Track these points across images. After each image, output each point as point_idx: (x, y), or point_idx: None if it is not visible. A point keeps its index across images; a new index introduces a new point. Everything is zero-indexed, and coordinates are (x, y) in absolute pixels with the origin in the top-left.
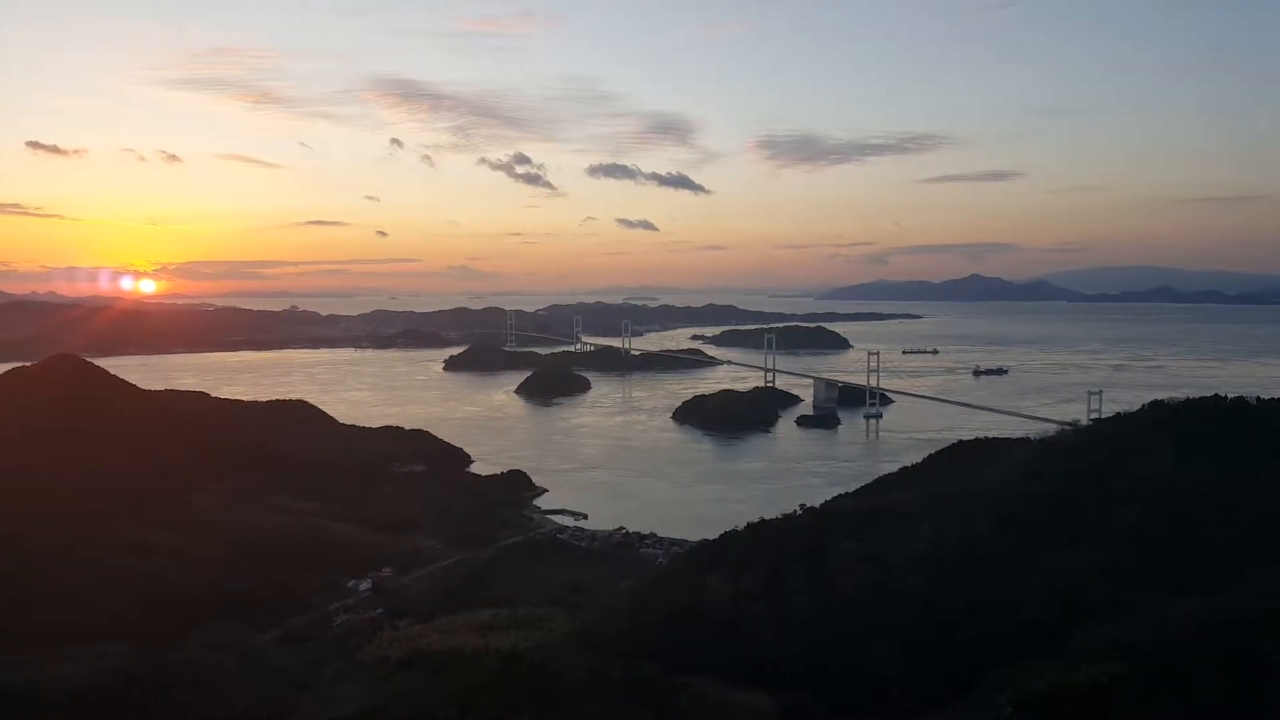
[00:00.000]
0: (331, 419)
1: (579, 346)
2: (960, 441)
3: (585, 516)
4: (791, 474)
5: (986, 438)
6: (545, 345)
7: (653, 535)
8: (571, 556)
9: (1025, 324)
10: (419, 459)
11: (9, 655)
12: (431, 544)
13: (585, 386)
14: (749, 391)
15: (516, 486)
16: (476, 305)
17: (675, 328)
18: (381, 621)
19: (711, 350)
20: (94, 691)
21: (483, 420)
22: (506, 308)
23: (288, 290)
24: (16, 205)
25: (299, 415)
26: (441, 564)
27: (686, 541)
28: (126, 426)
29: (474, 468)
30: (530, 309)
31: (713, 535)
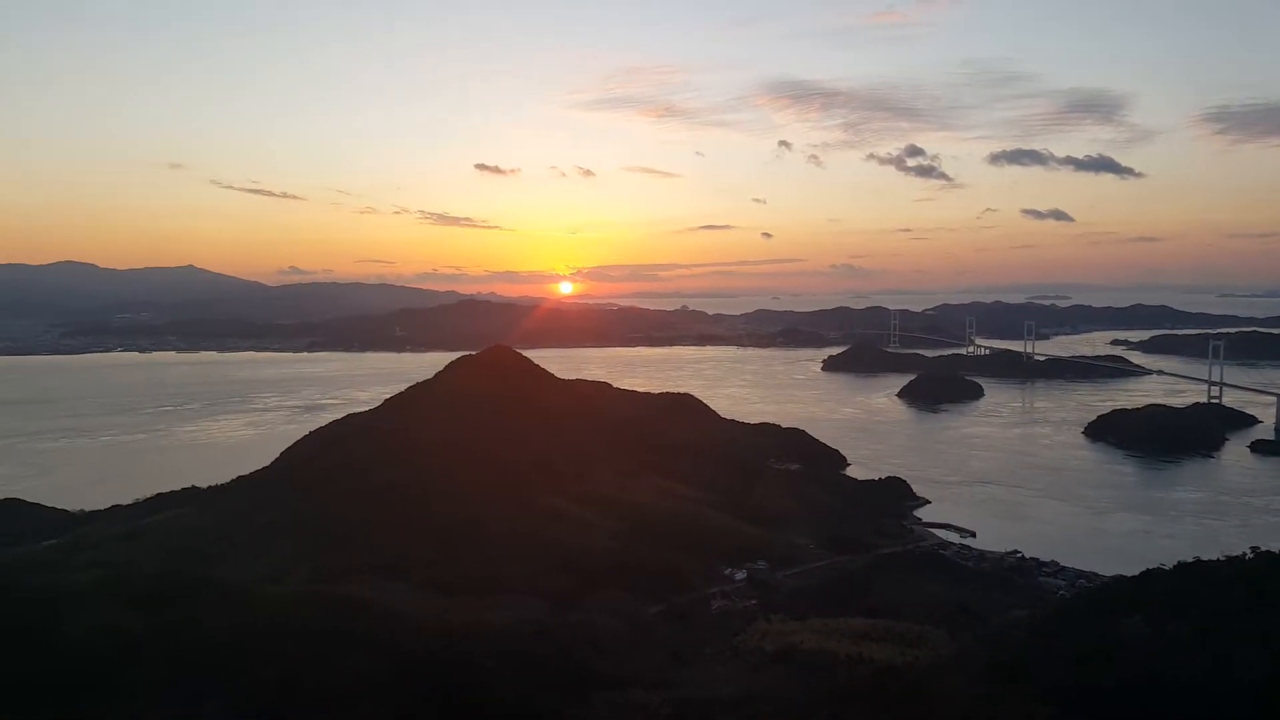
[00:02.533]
0: (714, 413)
1: (971, 349)
2: None
3: (973, 534)
4: (1241, 509)
5: None
6: (931, 347)
7: (1054, 563)
8: (956, 575)
9: None
10: (794, 457)
11: (452, 598)
12: (805, 543)
13: (977, 393)
14: (1186, 408)
15: (895, 494)
16: (858, 304)
17: (1090, 330)
18: (756, 613)
19: (1137, 358)
20: (512, 638)
21: (861, 423)
22: (890, 307)
23: (680, 291)
24: (468, 219)
25: (686, 407)
26: (815, 564)
27: (1097, 575)
28: (546, 409)
29: (850, 471)
30: (916, 308)
31: (1131, 571)
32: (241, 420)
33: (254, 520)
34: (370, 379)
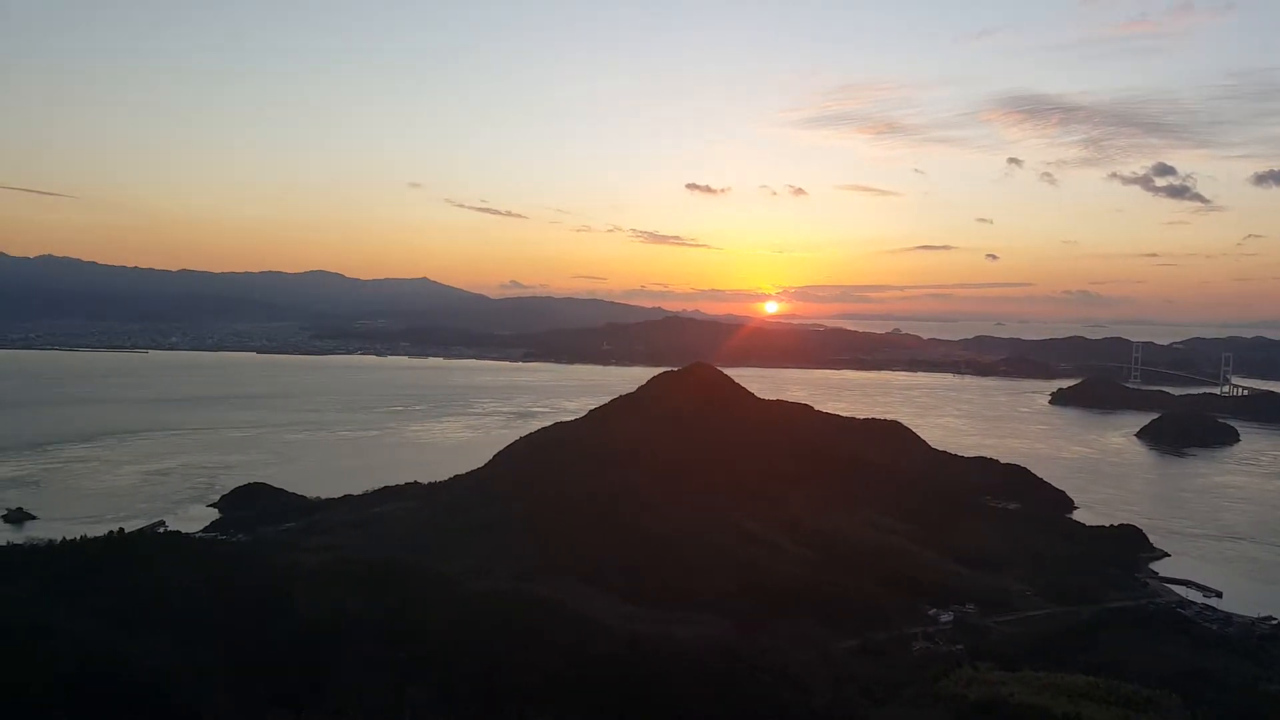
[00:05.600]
0: (924, 442)
1: (1226, 389)
2: None
3: (1219, 594)
4: None
5: None
6: (1179, 384)
7: None
8: (1196, 638)
9: None
10: (1013, 496)
11: (641, 608)
12: (1021, 589)
13: (1231, 438)
14: None
15: (1129, 544)
16: (1094, 334)
17: None
18: (961, 658)
19: None
20: (696, 655)
21: (1092, 463)
22: (1132, 339)
23: (891, 313)
24: (676, 237)
25: (893, 435)
26: (1031, 613)
27: None
28: (745, 428)
29: (1077, 515)
30: (1162, 341)
31: None
32: (461, 423)
33: (466, 517)
34: (577, 390)
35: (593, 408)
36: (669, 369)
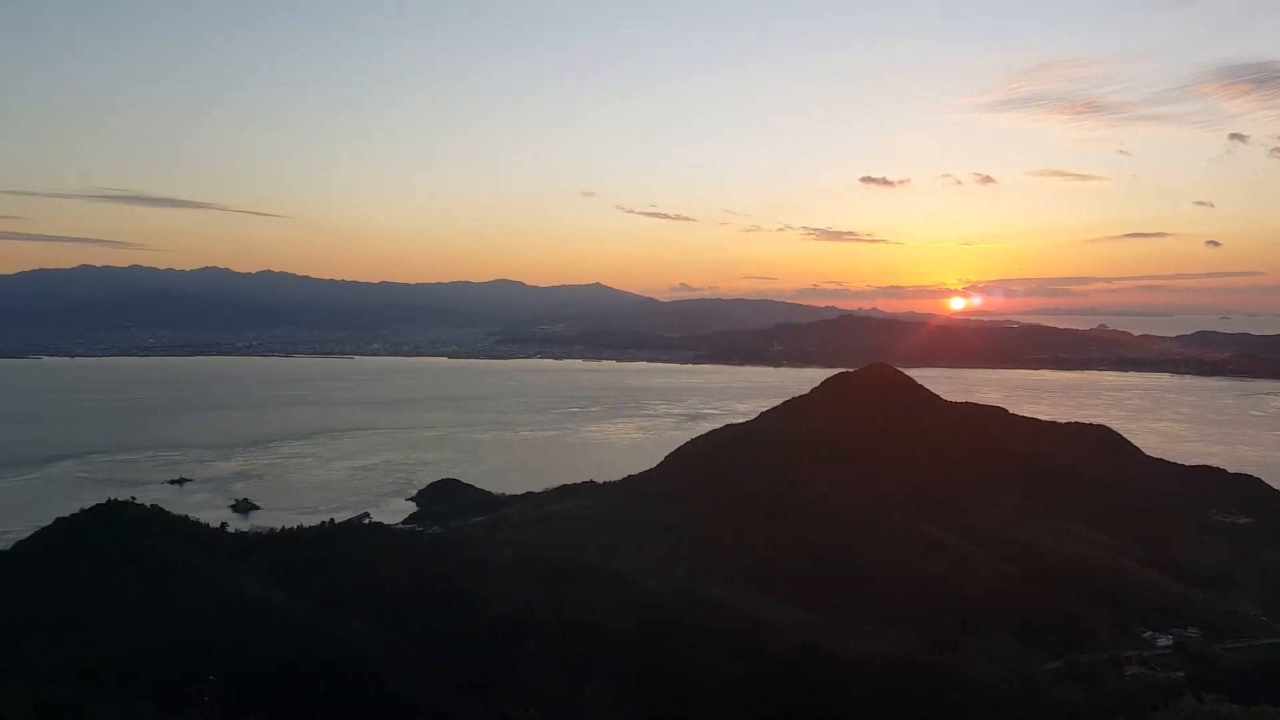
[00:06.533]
0: (1136, 449)
1: None
2: None
3: None
4: None
5: None
6: None
7: None
8: None
9: None
10: (1244, 509)
11: (817, 616)
12: (1255, 613)
13: None
14: None
15: None
16: None
17: None
18: (1182, 687)
19: None
20: (881, 668)
21: None
22: None
23: (1096, 307)
24: (851, 233)
25: (1100, 441)
26: (1268, 640)
27: None
28: (929, 432)
29: None
30: None
31: None
32: (633, 424)
33: (640, 517)
34: (748, 392)
35: (764, 410)
36: (845, 370)
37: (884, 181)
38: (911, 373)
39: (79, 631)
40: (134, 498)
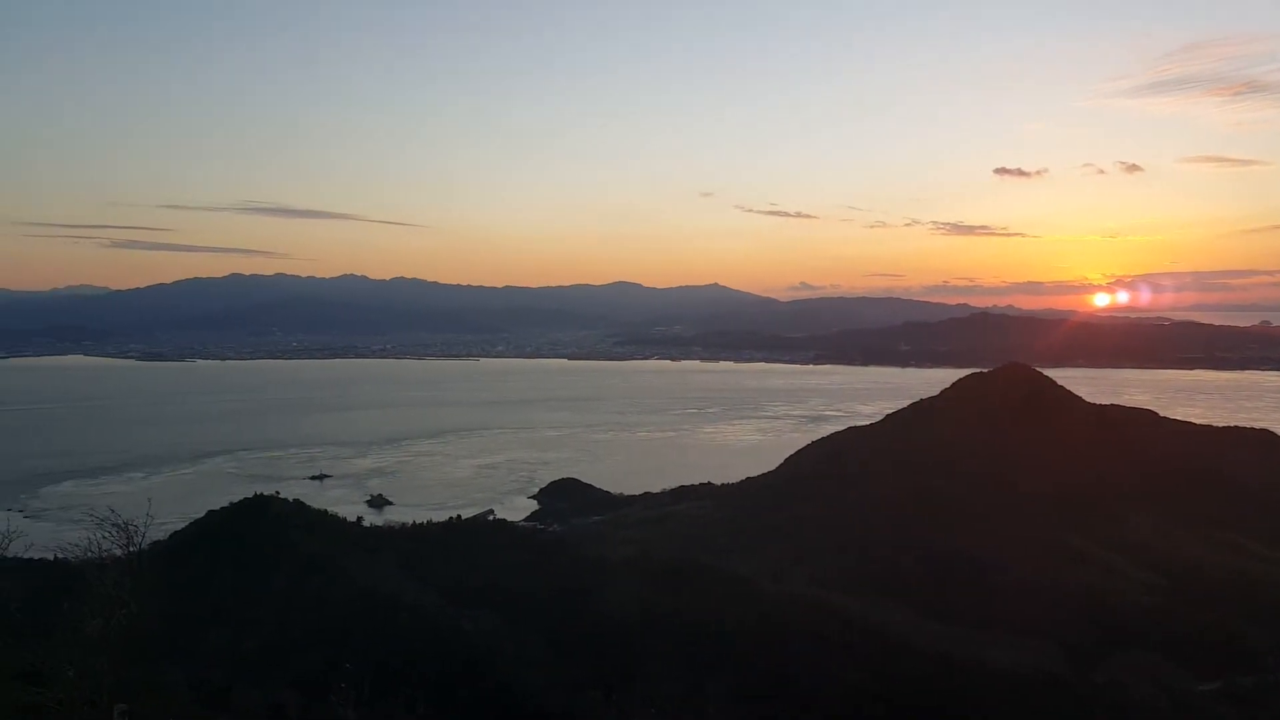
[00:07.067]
0: None
1: None
2: None
3: None
4: None
5: None
6: None
7: None
8: None
9: None
10: None
11: (949, 627)
12: None
13: None
14: None
15: None
16: None
17: None
18: None
19: None
20: (1019, 684)
21: None
22: None
23: (1260, 303)
24: (985, 227)
25: (1263, 446)
26: None
27: None
28: (1070, 435)
29: None
30: None
31: None
32: (752, 425)
33: (759, 520)
34: (872, 393)
35: (890, 412)
36: (977, 370)
37: (1019, 173)
38: (1050, 373)
39: (229, 619)
40: (278, 492)
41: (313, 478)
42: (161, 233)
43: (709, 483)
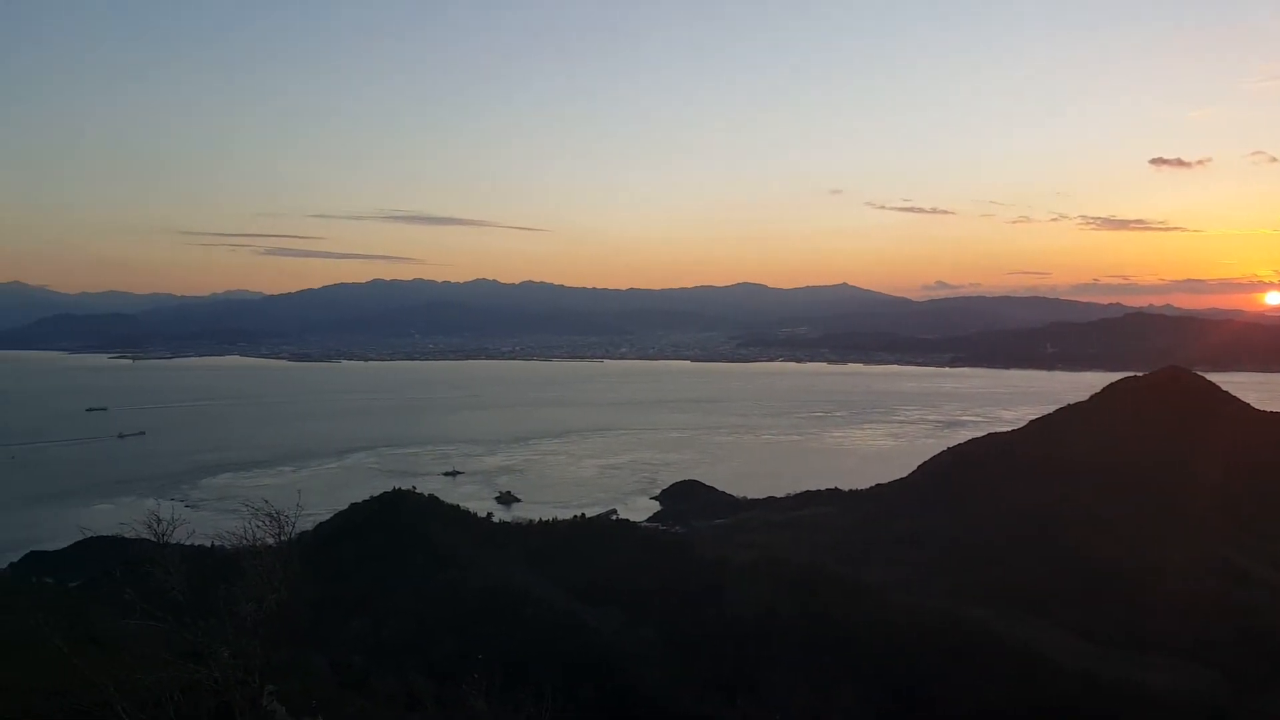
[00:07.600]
0: None
1: None
2: None
3: None
4: None
5: None
6: None
7: None
8: None
9: None
10: None
11: (1098, 647)
12: None
13: None
14: None
15: None
16: None
17: None
18: None
19: None
20: (1176, 710)
21: None
22: None
23: None
24: (1140, 221)
25: None
26: None
27: None
28: (1235, 445)
29: None
30: None
31: None
32: (883, 430)
33: (889, 528)
34: (1014, 397)
35: (1033, 417)
36: (1131, 374)
37: (1178, 163)
38: (1213, 377)
39: (368, 607)
40: (415, 487)
41: (446, 474)
42: (311, 240)
43: (835, 489)
